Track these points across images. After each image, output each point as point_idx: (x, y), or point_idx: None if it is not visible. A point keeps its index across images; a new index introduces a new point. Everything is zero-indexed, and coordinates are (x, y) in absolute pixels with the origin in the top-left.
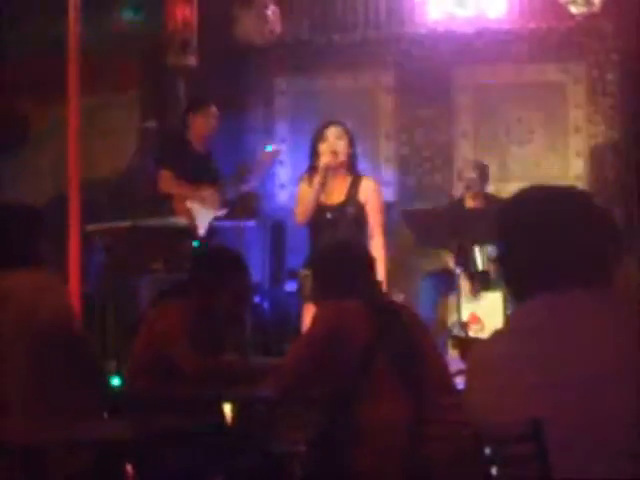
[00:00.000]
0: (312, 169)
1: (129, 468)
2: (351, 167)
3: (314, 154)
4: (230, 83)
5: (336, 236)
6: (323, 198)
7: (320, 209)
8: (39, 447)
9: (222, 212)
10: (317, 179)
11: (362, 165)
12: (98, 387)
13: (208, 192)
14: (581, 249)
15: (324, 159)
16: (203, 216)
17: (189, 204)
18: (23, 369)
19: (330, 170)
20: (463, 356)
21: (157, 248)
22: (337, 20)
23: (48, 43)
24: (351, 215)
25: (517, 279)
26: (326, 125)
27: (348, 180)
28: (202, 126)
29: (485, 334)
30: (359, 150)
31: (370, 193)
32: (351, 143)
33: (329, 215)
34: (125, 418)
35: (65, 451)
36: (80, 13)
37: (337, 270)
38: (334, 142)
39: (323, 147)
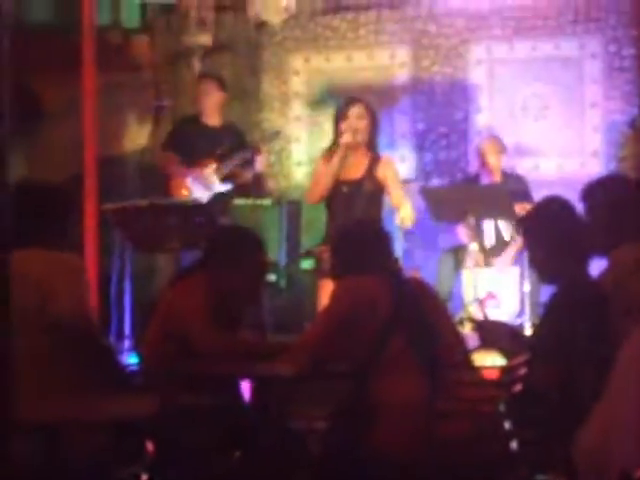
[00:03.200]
0: (332, 147)
1: (149, 445)
2: (371, 145)
3: (336, 132)
4: (246, 62)
5: (351, 211)
6: (341, 174)
7: (337, 184)
8: (59, 426)
9: (224, 188)
10: (336, 158)
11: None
12: (110, 370)
13: (205, 169)
14: None
15: (345, 138)
16: (202, 192)
17: (188, 182)
18: (38, 349)
19: (350, 149)
20: (482, 338)
21: (174, 227)
22: None
23: (63, 20)
24: (368, 191)
25: None
26: (348, 103)
27: (367, 158)
28: (202, 96)
29: (501, 310)
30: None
31: (389, 168)
32: (373, 122)
33: (345, 189)
34: (144, 396)
35: (86, 429)
36: None
37: (357, 246)
38: (355, 122)
39: (344, 126)
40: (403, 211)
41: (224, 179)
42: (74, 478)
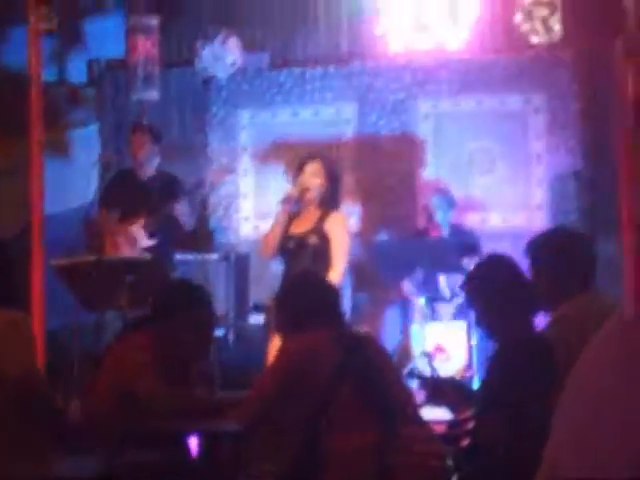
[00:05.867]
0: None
1: None
2: (326, 203)
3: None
4: (193, 117)
5: (297, 265)
6: (292, 228)
7: (285, 239)
8: None
9: (149, 243)
10: (280, 213)
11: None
12: (56, 432)
13: (133, 225)
14: None
15: (289, 192)
16: (129, 250)
17: (118, 239)
18: None
19: (290, 204)
20: (428, 394)
21: (121, 283)
22: (298, 54)
23: (9, 78)
24: (313, 245)
25: None
26: (305, 159)
27: (318, 213)
28: (134, 149)
29: (450, 363)
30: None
31: (335, 224)
32: (330, 180)
33: (292, 244)
34: (89, 455)
35: None
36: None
37: (302, 303)
38: (308, 179)
39: (299, 181)
40: (332, 274)
41: (152, 233)
42: None
